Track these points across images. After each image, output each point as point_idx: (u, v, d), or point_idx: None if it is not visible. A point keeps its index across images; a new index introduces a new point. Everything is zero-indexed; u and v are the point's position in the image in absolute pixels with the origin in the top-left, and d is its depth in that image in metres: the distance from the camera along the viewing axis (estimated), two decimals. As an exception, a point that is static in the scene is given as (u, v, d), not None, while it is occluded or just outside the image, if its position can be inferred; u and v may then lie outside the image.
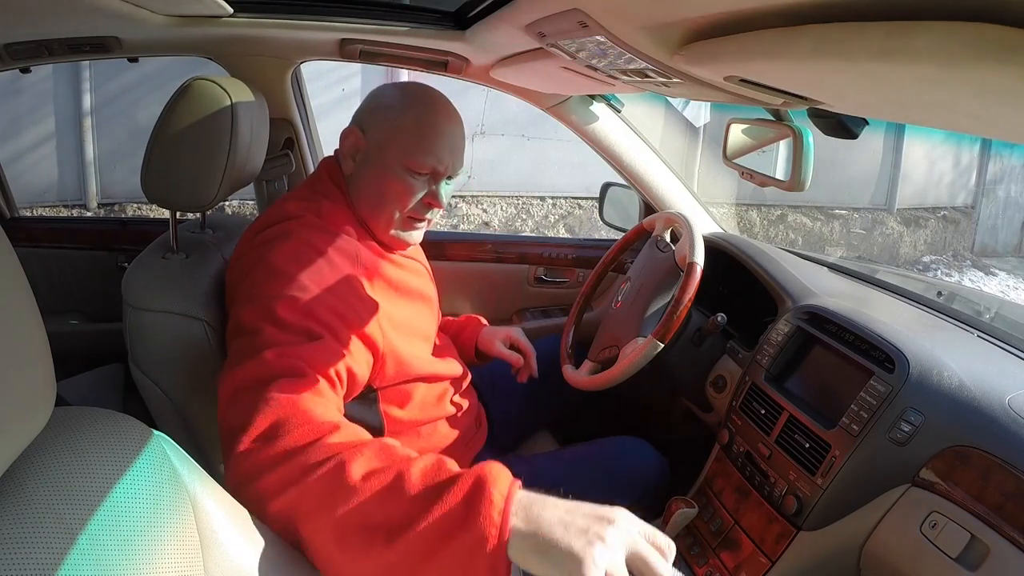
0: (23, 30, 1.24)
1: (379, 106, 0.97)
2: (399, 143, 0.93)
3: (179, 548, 0.48)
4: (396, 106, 0.96)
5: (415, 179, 0.95)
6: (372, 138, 0.95)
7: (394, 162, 0.94)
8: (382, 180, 0.95)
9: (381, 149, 0.94)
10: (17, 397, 0.38)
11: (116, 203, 4.23)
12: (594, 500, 1.02)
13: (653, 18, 0.57)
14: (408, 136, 0.93)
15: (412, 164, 0.93)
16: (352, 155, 0.97)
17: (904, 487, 0.85)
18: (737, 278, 1.36)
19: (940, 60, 0.33)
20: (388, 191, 0.95)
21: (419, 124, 0.94)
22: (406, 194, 0.95)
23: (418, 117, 0.94)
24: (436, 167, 0.95)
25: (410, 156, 0.93)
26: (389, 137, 0.94)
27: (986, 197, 6.63)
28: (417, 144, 0.93)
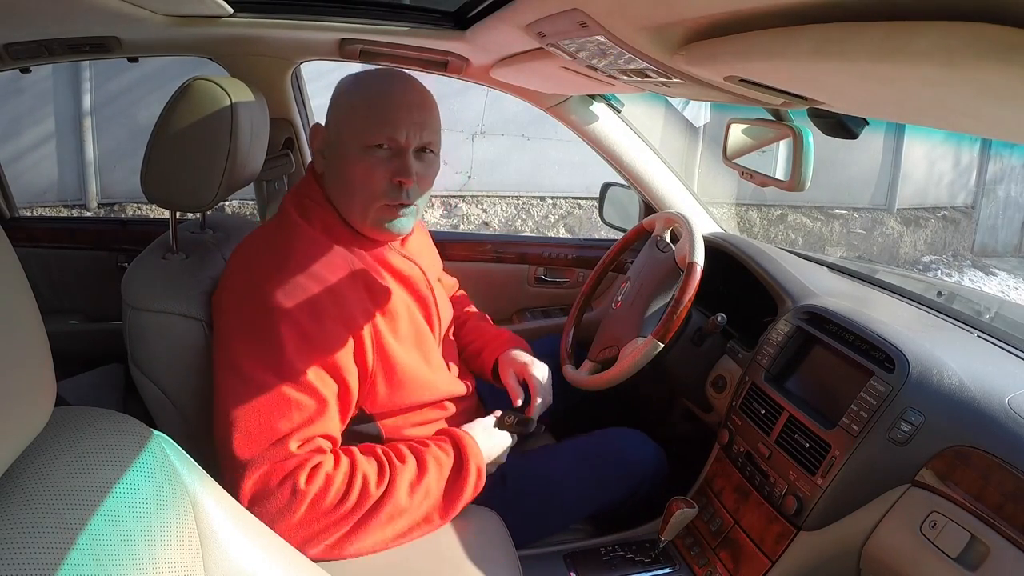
0: (23, 30, 1.24)
1: (336, 95, 0.95)
2: (352, 122, 0.90)
3: (179, 548, 0.48)
4: (349, 89, 0.94)
5: (375, 156, 0.89)
6: (331, 128, 0.94)
7: (351, 143, 0.90)
8: (345, 166, 0.91)
9: (339, 135, 0.92)
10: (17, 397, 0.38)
11: (116, 203, 4.23)
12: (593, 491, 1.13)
13: (653, 18, 0.57)
14: (359, 112, 0.90)
15: (367, 139, 0.89)
16: (321, 152, 0.96)
17: (904, 487, 0.85)
18: (737, 278, 1.35)
19: (940, 60, 0.33)
20: (352, 176, 0.91)
21: (370, 98, 0.91)
22: (369, 174, 0.90)
23: (369, 93, 0.91)
24: (393, 136, 0.89)
25: (364, 132, 0.89)
26: (343, 120, 0.92)
27: (986, 197, 6.63)
28: (369, 117, 0.89)
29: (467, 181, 4.80)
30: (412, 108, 0.91)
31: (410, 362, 0.97)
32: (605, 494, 1.13)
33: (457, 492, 0.91)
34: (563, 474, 1.11)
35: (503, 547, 0.95)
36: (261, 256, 0.90)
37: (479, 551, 0.91)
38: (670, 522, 1.00)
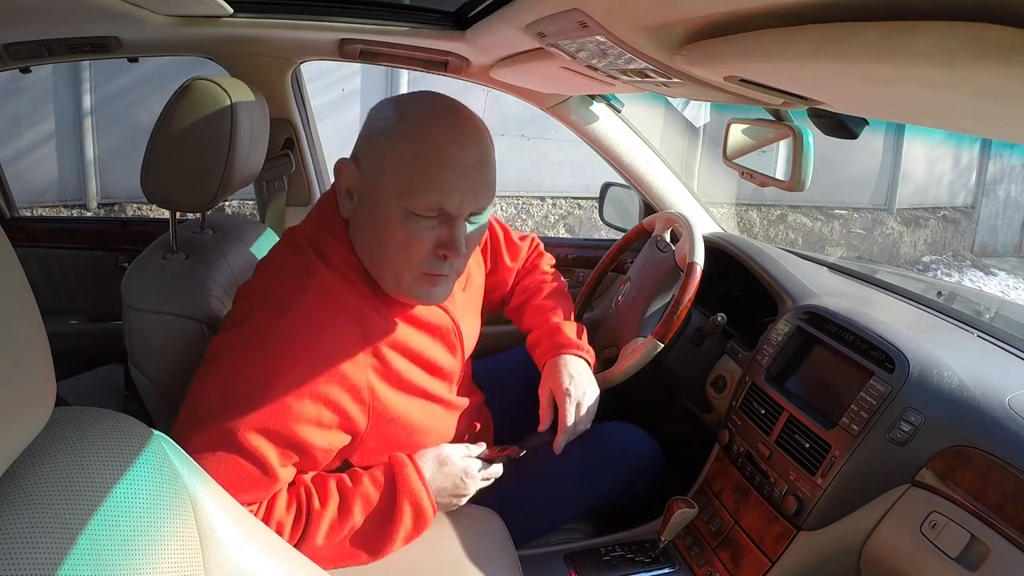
0: (23, 30, 1.25)
1: (372, 131, 0.77)
2: (395, 177, 0.74)
3: (179, 548, 0.48)
4: (391, 130, 0.76)
5: (419, 224, 0.75)
6: (366, 172, 0.77)
7: (390, 202, 0.75)
8: (381, 228, 0.76)
9: (376, 187, 0.76)
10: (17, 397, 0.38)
11: (116, 203, 4.23)
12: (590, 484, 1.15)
13: (653, 18, 0.57)
14: (406, 168, 0.74)
15: (411, 203, 0.74)
16: (349, 194, 0.80)
17: (904, 487, 0.85)
18: (737, 278, 1.36)
19: (939, 60, 0.33)
20: (388, 241, 0.76)
21: (419, 154, 0.74)
22: (410, 244, 0.76)
23: (417, 145, 0.74)
24: (444, 206, 0.75)
25: (410, 195, 0.74)
26: (383, 171, 0.75)
27: (986, 197, 6.63)
28: (417, 178, 0.73)
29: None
30: (469, 170, 0.75)
31: (410, 415, 0.87)
32: (602, 487, 1.13)
33: (387, 532, 0.83)
34: (560, 469, 1.10)
35: (503, 547, 0.95)
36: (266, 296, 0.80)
37: (479, 551, 0.91)
38: (670, 522, 1.00)
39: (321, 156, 1.63)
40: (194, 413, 0.77)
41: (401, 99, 0.81)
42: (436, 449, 0.92)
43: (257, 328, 0.78)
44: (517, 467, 1.07)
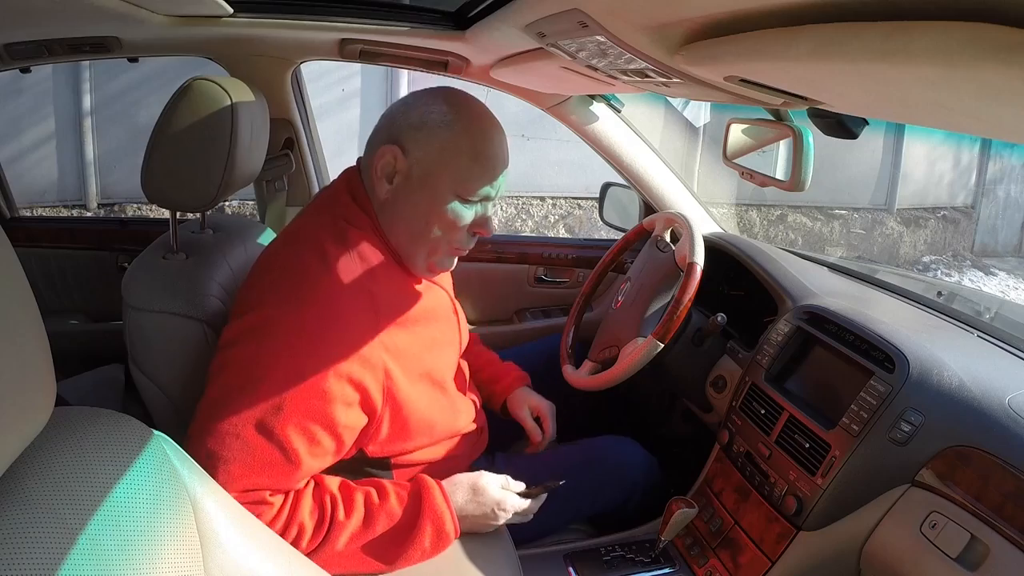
0: (23, 30, 1.25)
1: (424, 123, 0.85)
2: (454, 168, 0.84)
3: (179, 548, 0.48)
4: (447, 124, 0.84)
5: (466, 207, 0.86)
6: (417, 160, 0.84)
7: (446, 189, 0.84)
8: (430, 208, 0.85)
9: (430, 174, 0.84)
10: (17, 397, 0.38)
11: (116, 203, 4.23)
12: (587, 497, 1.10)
13: (653, 18, 0.57)
14: (465, 161, 0.84)
15: (467, 191, 0.85)
16: (388, 177, 0.86)
17: (904, 487, 0.85)
18: (737, 278, 1.36)
19: (939, 60, 0.33)
20: (437, 220, 0.85)
21: (476, 147, 0.85)
22: (456, 224, 0.86)
23: (474, 138, 0.85)
24: (490, 194, 0.87)
25: (466, 182, 0.84)
26: (441, 161, 0.84)
27: (986, 197, 6.63)
28: (475, 170, 0.84)
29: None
30: (506, 161, 0.89)
31: (419, 402, 0.90)
32: (599, 500, 1.14)
33: (404, 549, 0.85)
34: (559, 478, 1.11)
35: (503, 547, 0.95)
36: (283, 283, 0.83)
37: (479, 551, 0.91)
38: (670, 522, 1.00)
39: (321, 156, 1.63)
40: (215, 400, 0.79)
41: (448, 94, 0.88)
42: (474, 476, 0.94)
43: (276, 315, 0.80)
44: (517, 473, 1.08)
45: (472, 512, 0.92)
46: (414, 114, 0.86)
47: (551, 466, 1.13)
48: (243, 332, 0.82)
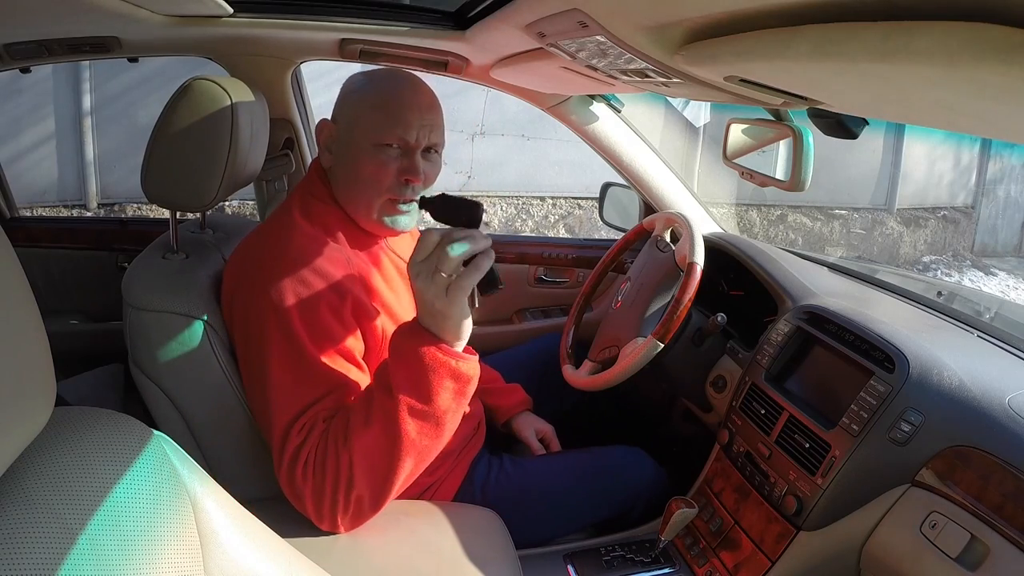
0: (23, 30, 1.24)
1: (346, 92, 0.98)
2: (364, 121, 0.93)
3: (179, 548, 0.48)
4: (360, 88, 0.96)
5: (386, 154, 0.92)
6: (341, 124, 0.96)
7: (362, 140, 0.93)
8: (355, 162, 0.94)
9: (350, 132, 0.94)
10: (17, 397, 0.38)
11: (116, 203, 4.23)
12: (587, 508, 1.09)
13: (653, 18, 0.57)
14: (372, 111, 0.93)
15: (379, 138, 0.92)
16: (328, 147, 0.97)
17: (904, 487, 0.85)
18: (737, 278, 1.36)
19: (940, 60, 0.33)
20: (362, 171, 0.93)
21: (382, 98, 0.93)
22: (379, 171, 0.92)
23: (380, 92, 0.94)
24: (404, 137, 0.92)
25: (376, 131, 0.92)
26: (355, 117, 0.94)
27: (986, 197, 6.63)
28: (382, 117, 0.92)
29: (467, 181, 4.79)
30: (423, 110, 0.93)
31: None
32: (601, 510, 1.14)
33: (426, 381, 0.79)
34: (563, 488, 1.11)
35: (503, 547, 0.95)
36: (263, 256, 0.91)
37: (479, 551, 0.91)
38: (670, 522, 1.00)
39: (321, 156, 1.63)
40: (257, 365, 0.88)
41: (371, 70, 1.01)
42: None
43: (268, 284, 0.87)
44: (522, 477, 1.10)
45: (424, 310, 0.79)
46: (342, 90, 0.99)
47: (560, 471, 1.13)
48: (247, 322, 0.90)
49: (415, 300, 0.80)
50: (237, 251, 0.96)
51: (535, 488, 1.11)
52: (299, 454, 0.83)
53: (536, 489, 1.11)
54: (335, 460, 0.82)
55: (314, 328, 0.86)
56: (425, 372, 0.78)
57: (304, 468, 0.83)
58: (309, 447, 0.83)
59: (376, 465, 0.82)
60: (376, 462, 0.82)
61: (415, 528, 0.94)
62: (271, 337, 0.86)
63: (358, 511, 0.84)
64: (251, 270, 0.91)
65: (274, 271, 0.88)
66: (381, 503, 0.85)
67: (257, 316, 0.87)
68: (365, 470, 0.82)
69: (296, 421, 0.84)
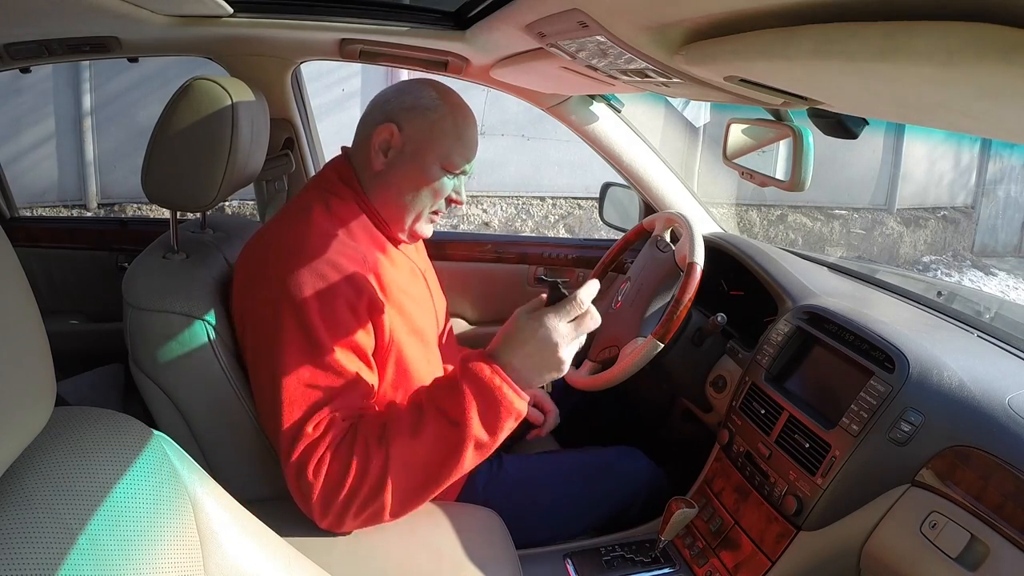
0: (23, 30, 1.24)
1: (418, 106, 0.99)
2: (441, 144, 0.98)
3: (179, 548, 0.48)
4: (436, 107, 0.99)
5: (448, 179, 1.00)
6: (410, 136, 0.98)
7: (434, 161, 0.98)
8: (418, 177, 0.98)
9: (420, 148, 0.98)
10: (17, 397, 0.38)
11: (116, 203, 4.23)
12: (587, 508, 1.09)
13: (653, 18, 0.57)
14: (449, 138, 0.98)
15: (450, 164, 0.99)
16: (384, 151, 0.99)
17: (904, 487, 0.85)
18: (737, 278, 1.36)
19: (940, 60, 0.33)
20: (423, 188, 0.98)
21: (458, 128, 0.99)
22: (438, 192, 1.00)
23: (457, 121, 0.99)
24: (466, 168, 1.02)
25: (450, 157, 0.98)
26: (429, 138, 0.98)
27: (986, 197, 6.63)
28: (457, 147, 0.99)
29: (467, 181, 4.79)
30: (477, 141, 1.03)
31: (415, 358, 0.99)
32: (601, 510, 1.14)
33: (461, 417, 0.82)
34: (563, 488, 1.12)
35: (503, 547, 0.95)
36: (280, 249, 0.91)
37: (479, 551, 0.91)
38: (670, 522, 1.00)
39: (321, 156, 1.63)
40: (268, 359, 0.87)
41: (435, 83, 1.02)
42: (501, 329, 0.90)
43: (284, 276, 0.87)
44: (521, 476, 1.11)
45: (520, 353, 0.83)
46: (407, 98, 0.99)
47: (559, 472, 1.13)
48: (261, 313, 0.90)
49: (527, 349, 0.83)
50: (252, 244, 0.96)
51: (536, 487, 1.11)
52: (314, 449, 0.82)
53: (537, 488, 1.11)
54: (363, 462, 0.82)
55: (331, 321, 0.86)
56: (498, 409, 0.83)
57: (318, 464, 0.82)
58: (327, 443, 0.83)
59: (415, 477, 0.83)
60: (416, 474, 0.83)
61: (415, 528, 0.94)
62: (286, 326, 0.86)
63: (374, 516, 0.84)
64: (268, 262, 0.90)
65: (291, 263, 0.88)
66: (403, 513, 0.85)
67: (273, 307, 0.87)
68: (401, 479, 0.82)
69: (312, 416, 0.84)
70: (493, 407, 0.82)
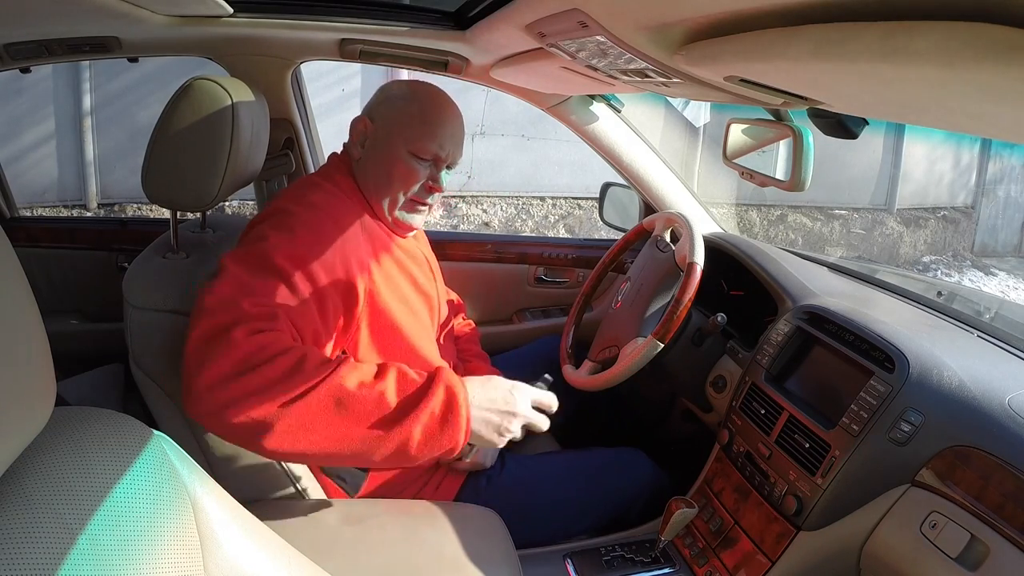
0: (23, 30, 1.25)
1: (387, 97, 1.05)
2: (405, 130, 1.01)
3: (179, 548, 0.48)
4: (403, 97, 1.04)
5: (418, 164, 1.02)
6: (380, 125, 1.03)
7: (400, 147, 1.01)
8: (389, 163, 1.02)
9: (389, 135, 1.02)
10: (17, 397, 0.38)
11: (116, 203, 4.23)
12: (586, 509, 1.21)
13: (653, 18, 0.57)
14: (414, 124, 1.01)
15: (416, 149, 1.01)
16: (361, 142, 1.04)
17: (904, 487, 0.85)
18: (737, 278, 1.36)
19: (940, 60, 0.33)
20: (394, 173, 1.02)
21: (424, 113, 1.02)
22: (410, 177, 1.02)
23: (423, 107, 1.02)
24: (438, 153, 1.02)
25: (415, 142, 1.01)
26: (396, 124, 1.02)
27: (986, 197, 6.63)
28: (422, 131, 1.01)
29: (467, 181, 4.79)
30: (456, 132, 1.05)
31: (403, 321, 1.01)
32: (601, 511, 1.14)
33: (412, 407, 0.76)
34: (563, 488, 1.12)
35: (503, 547, 0.95)
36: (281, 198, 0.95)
37: (479, 551, 0.91)
38: (670, 522, 1.00)
39: (321, 156, 1.63)
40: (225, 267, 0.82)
41: (412, 80, 1.08)
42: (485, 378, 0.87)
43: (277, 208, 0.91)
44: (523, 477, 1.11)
45: (486, 395, 0.82)
46: (382, 93, 1.06)
47: (560, 473, 1.13)
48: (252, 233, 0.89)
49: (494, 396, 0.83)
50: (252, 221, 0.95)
51: (536, 487, 1.11)
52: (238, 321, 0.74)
53: (537, 489, 1.11)
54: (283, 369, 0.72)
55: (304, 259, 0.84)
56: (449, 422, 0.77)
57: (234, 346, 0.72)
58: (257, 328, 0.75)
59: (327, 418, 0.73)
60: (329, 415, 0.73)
61: (415, 528, 0.94)
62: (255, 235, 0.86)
63: (248, 427, 0.71)
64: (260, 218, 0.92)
65: (289, 200, 0.92)
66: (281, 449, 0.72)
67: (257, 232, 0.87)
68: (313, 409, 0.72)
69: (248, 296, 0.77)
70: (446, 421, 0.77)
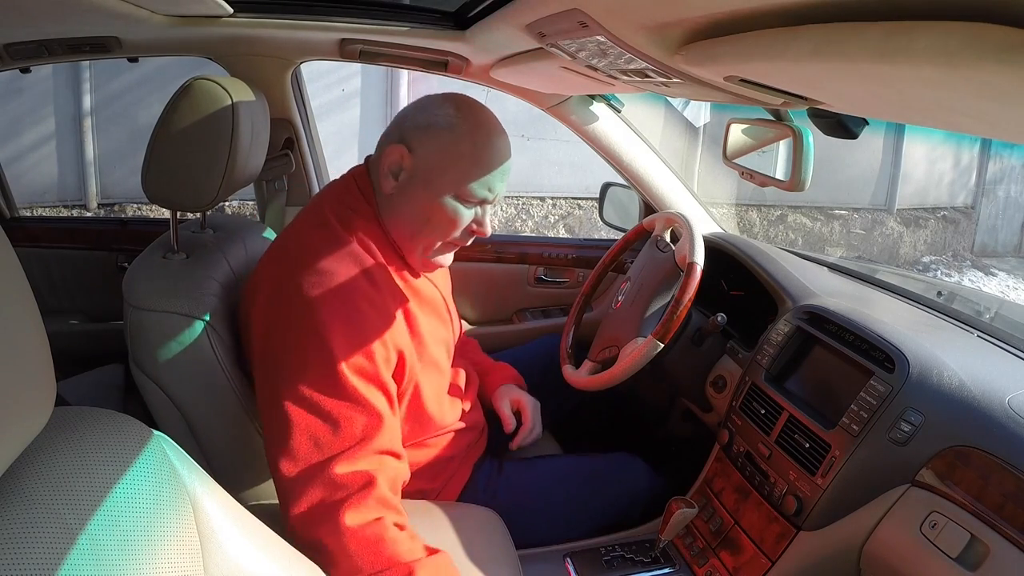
0: (23, 30, 1.25)
1: (431, 125, 0.88)
2: (455, 170, 0.87)
3: (179, 548, 0.48)
4: (452, 128, 0.88)
5: (465, 207, 0.90)
6: (421, 159, 0.88)
7: (446, 189, 0.88)
8: (430, 206, 0.89)
9: (433, 173, 0.88)
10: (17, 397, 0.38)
11: (116, 203, 4.23)
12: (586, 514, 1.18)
13: (653, 18, 0.57)
14: (466, 164, 0.87)
15: (466, 194, 0.88)
16: (394, 173, 0.89)
17: (904, 487, 0.85)
18: (737, 278, 1.35)
19: (940, 60, 0.33)
20: (435, 218, 0.89)
21: (478, 152, 0.88)
22: (454, 222, 0.90)
23: (476, 144, 0.88)
24: (487, 197, 0.90)
25: (465, 184, 0.88)
26: (443, 162, 0.87)
27: (986, 197, 6.62)
28: (475, 173, 0.88)
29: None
30: (507, 168, 0.92)
31: (429, 388, 0.96)
32: (600, 516, 1.14)
33: None
34: (563, 494, 1.12)
35: (503, 547, 0.95)
36: (302, 267, 0.85)
37: (479, 551, 0.91)
38: (670, 522, 1.00)
39: (321, 156, 1.63)
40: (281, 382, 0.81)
41: (458, 99, 0.91)
42: None
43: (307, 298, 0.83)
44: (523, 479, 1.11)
45: None
46: (422, 116, 0.89)
47: (559, 478, 1.13)
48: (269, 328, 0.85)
49: None
50: (274, 256, 0.92)
51: (535, 492, 1.11)
52: (340, 507, 0.78)
53: (536, 493, 1.11)
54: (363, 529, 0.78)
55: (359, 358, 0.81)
56: None
57: (347, 536, 0.77)
58: (361, 503, 0.78)
59: None
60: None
61: (415, 528, 0.94)
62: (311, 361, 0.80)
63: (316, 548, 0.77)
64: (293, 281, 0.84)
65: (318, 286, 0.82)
66: None
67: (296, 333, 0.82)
68: None
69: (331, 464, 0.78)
70: None
